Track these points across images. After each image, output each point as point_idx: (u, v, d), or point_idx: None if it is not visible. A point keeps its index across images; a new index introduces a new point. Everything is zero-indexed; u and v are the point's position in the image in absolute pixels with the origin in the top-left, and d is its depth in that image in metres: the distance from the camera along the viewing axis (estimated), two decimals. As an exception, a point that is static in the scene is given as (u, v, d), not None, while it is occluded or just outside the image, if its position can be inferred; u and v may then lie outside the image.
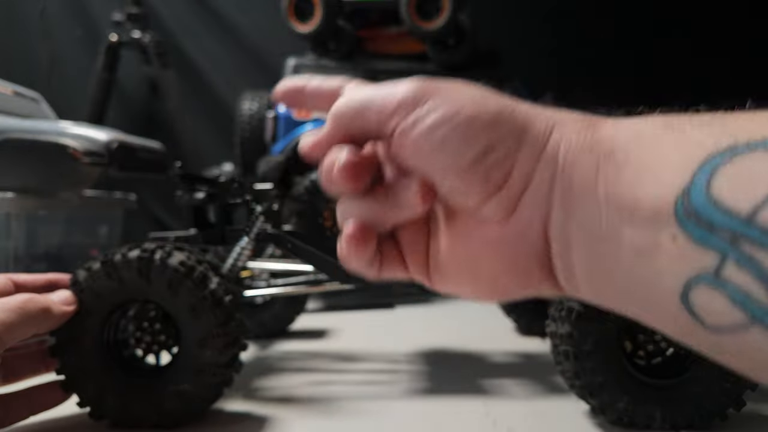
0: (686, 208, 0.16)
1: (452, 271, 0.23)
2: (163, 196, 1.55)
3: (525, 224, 0.21)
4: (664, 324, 0.19)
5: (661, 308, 0.18)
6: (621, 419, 0.42)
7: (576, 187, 0.20)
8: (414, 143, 0.21)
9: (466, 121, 0.20)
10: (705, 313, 0.16)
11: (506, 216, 0.21)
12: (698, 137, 0.17)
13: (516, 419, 0.45)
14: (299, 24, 1.23)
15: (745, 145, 0.16)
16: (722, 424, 0.42)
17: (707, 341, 0.17)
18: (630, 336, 0.43)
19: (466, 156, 0.20)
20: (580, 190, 0.19)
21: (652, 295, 0.18)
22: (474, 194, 0.21)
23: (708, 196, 0.16)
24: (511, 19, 1.55)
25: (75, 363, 0.43)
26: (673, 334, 0.19)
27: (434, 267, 0.24)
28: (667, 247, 0.17)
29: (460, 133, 0.20)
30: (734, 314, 0.16)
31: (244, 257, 0.58)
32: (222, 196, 0.60)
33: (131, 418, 0.43)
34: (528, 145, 0.20)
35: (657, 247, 0.17)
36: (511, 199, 0.21)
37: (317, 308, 1.02)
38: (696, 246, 0.16)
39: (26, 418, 0.42)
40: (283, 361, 0.65)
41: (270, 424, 0.45)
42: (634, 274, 0.18)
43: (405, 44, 1.31)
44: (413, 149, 0.21)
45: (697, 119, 0.18)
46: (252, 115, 1.34)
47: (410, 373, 0.59)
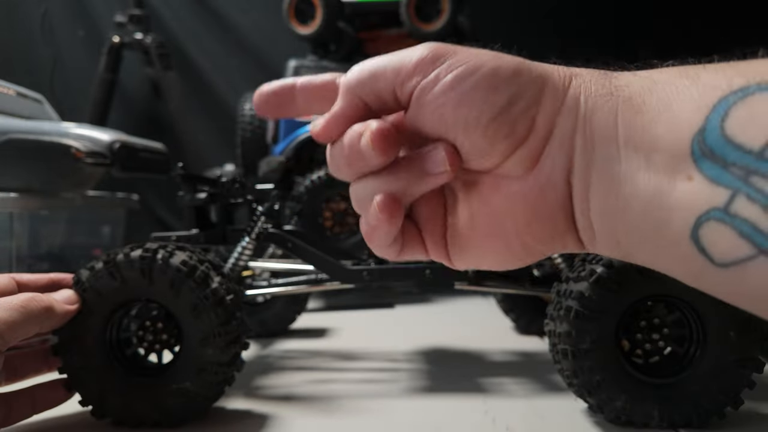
0: (701, 147, 0.17)
1: (474, 241, 0.23)
2: (165, 197, 1.55)
3: (547, 174, 0.21)
4: (675, 265, 0.19)
5: (672, 248, 0.18)
6: (619, 417, 0.42)
7: (597, 132, 0.20)
8: (436, 101, 0.21)
9: (490, 73, 0.20)
10: (714, 248, 0.17)
11: (529, 169, 0.21)
12: (712, 80, 0.18)
13: (515, 417, 0.45)
14: (300, 26, 1.24)
15: (757, 85, 0.16)
16: (720, 423, 0.42)
17: (716, 279, 0.18)
18: (628, 335, 0.44)
19: (493, 107, 0.20)
20: (600, 134, 0.20)
21: (664, 234, 0.18)
22: (498, 150, 0.21)
23: (722, 134, 0.17)
24: (510, 21, 1.56)
25: (77, 362, 0.43)
26: (683, 277, 0.19)
27: (453, 242, 0.24)
28: (682, 186, 0.17)
29: (486, 85, 0.20)
30: (742, 247, 0.16)
31: (245, 257, 0.58)
32: (223, 197, 0.60)
33: (133, 417, 0.43)
34: (549, 94, 0.21)
35: (672, 186, 0.18)
36: (534, 150, 0.21)
37: (318, 307, 1.02)
38: (710, 183, 0.17)
39: (29, 416, 0.42)
40: (284, 359, 0.66)
41: (271, 422, 0.45)
42: (648, 214, 0.19)
43: (405, 46, 1.31)
44: (435, 108, 0.21)
45: (711, 66, 0.19)
46: (253, 115, 1.34)
47: (410, 372, 0.59)
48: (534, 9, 1.57)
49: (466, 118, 0.21)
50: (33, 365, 0.45)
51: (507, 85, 0.21)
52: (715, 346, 0.41)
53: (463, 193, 0.23)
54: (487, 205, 0.23)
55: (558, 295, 0.44)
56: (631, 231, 0.19)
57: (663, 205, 0.18)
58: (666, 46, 1.66)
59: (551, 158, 0.21)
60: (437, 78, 0.21)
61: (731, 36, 1.55)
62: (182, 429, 0.43)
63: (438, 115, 0.21)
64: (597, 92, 0.20)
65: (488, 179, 0.22)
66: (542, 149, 0.21)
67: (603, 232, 0.21)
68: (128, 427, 0.43)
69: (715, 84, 0.17)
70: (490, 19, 1.45)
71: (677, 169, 0.18)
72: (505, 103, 0.20)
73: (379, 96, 0.22)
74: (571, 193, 0.21)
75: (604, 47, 1.67)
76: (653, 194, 0.18)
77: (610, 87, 0.20)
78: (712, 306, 0.41)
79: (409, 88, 0.22)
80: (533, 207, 0.22)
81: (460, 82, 0.21)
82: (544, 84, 0.21)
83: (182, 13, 1.65)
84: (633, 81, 0.20)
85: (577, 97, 0.21)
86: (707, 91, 0.18)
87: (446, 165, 0.21)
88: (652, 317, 0.44)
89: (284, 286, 0.62)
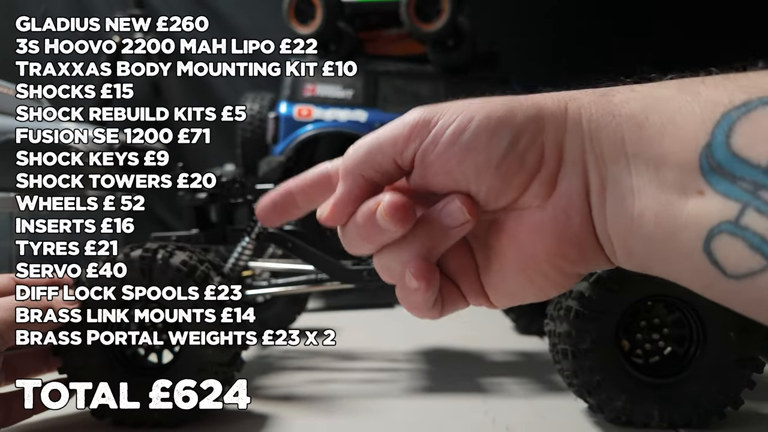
0: (710, 162, 0.17)
1: (510, 278, 0.23)
2: (165, 197, 1.55)
3: (566, 197, 0.21)
4: (687, 276, 0.19)
5: (684, 260, 0.19)
6: (619, 417, 0.42)
7: (606, 149, 0.20)
8: (439, 159, 0.21)
9: (484, 120, 0.21)
10: (725, 260, 0.17)
11: (548, 196, 0.22)
12: (713, 95, 0.18)
13: (515, 417, 0.45)
14: (300, 25, 1.24)
15: (759, 100, 0.17)
16: (720, 423, 0.42)
17: (729, 290, 0.18)
18: (628, 335, 0.44)
19: (499, 148, 0.21)
20: (609, 151, 0.20)
21: (676, 246, 0.19)
22: (514, 186, 0.21)
23: (729, 149, 0.17)
24: (510, 21, 1.56)
25: (77, 362, 0.43)
26: (695, 287, 0.19)
27: (489, 284, 0.24)
28: (693, 200, 0.18)
29: (484, 132, 0.21)
30: (753, 259, 0.17)
31: (245, 257, 0.58)
32: (223, 197, 0.60)
33: (133, 417, 0.43)
34: (549, 121, 0.21)
35: (683, 199, 0.18)
36: (550, 177, 0.21)
37: (318, 307, 1.02)
38: (720, 197, 0.17)
39: (29, 416, 0.42)
40: (284, 359, 0.66)
41: (271, 422, 0.45)
42: (660, 227, 0.19)
43: (405, 46, 1.32)
44: (441, 165, 0.22)
45: (710, 80, 0.19)
46: (253, 115, 1.34)
47: (410, 372, 0.59)
48: (534, 9, 1.57)
49: (476, 166, 0.21)
50: (33, 365, 0.45)
51: (504, 125, 0.21)
52: (715, 346, 0.41)
53: (488, 234, 0.24)
54: (515, 240, 0.23)
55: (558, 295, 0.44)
56: (644, 243, 0.20)
57: (675, 218, 0.18)
58: (666, 46, 1.65)
59: (567, 180, 0.21)
60: (435, 138, 0.21)
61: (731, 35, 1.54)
62: (182, 429, 0.43)
63: (445, 171, 0.22)
64: (598, 112, 0.21)
65: (509, 215, 0.23)
66: (557, 174, 0.21)
67: (619, 244, 0.21)
68: (128, 427, 0.43)
69: (717, 99, 0.18)
70: (490, 19, 1.45)
71: (687, 183, 0.18)
72: (509, 142, 0.21)
73: (380, 170, 0.23)
74: (591, 212, 0.21)
75: (604, 47, 1.68)
76: (664, 207, 0.19)
77: (610, 106, 0.20)
78: (712, 306, 0.41)
79: (409, 154, 0.22)
80: (560, 232, 0.22)
81: (458, 135, 0.21)
82: (540, 112, 0.21)
83: (182, 13, 1.64)
84: (632, 98, 0.20)
85: (577, 119, 0.21)
86: (709, 106, 0.18)
87: (465, 215, 0.22)
88: (652, 317, 0.44)
89: (284, 286, 0.62)
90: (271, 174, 1.11)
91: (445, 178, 0.22)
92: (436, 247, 0.23)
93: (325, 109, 1.29)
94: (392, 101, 1.29)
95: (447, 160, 0.21)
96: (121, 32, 1.48)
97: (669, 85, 0.20)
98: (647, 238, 0.20)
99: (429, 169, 0.22)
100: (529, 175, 0.21)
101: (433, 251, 0.23)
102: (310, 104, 1.29)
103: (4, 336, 0.36)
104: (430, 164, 0.22)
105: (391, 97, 1.29)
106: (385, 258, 0.23)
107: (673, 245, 0.19)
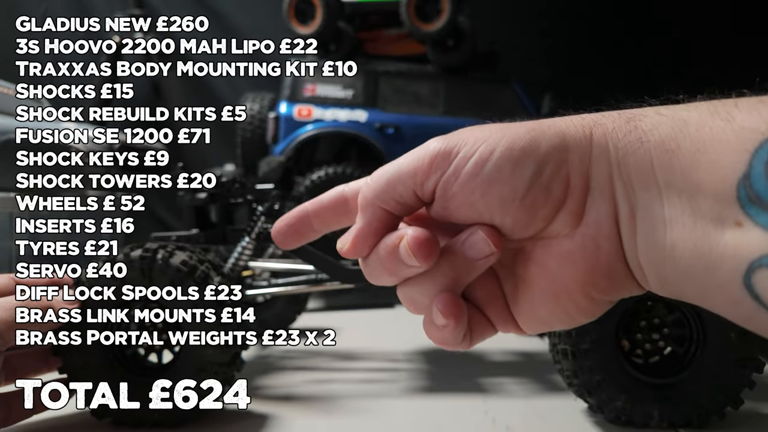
0: (749, 193, 0.17)
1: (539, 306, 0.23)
2: (165, 197, 1.55)
3: (595, 225, 0.21)
4: (726, 308, 0.19)
5: (722, 292, 0.18)
6: (619, 417, 0.42)
7: (634, 176, 0.20)
8: (462, 191, 0.21)
9: (507, 151, 0.20)
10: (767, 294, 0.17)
11: (576, 225, 0.21)
12: (749, 122, 0.17)
13: (515, 417, 0.45)
14: (300, 25, 1.24)
15: None
16: (720, 423, 0.42)
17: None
18: (628, 335, 0.44)
19: (523, 179, 0.20)
20: (639, 179, 0.20)
21: (714, 277, 0.18)
22: (540, 218, 0.21)
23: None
24: (510, 21, 1.56)
25: (77, 362, 0.43)
26: (734, 318, 0.19)
27: (518, 311, 0.23)
28: (731, 232, 0.17)
29: (507, 163, 0.20)
30: None
31: (245, 257, 0.58)
32: (223, 196, 0.60)
33: (133, 417, 0.43)
34: (574, 149, 0.20)
35: (720, 231, 0.18)
36: (577, 206, 0.21)
37: (318, 307, 1.02)
38: (760, 230, 0.17)
39: (29, 416, 0.42)
40: (284, 359, 0.66)
41: (271, 422, 0.45)
42: (697, 259, 0.18)
43: (405, 46, 1.32)
44: (464, 197, 0.21)
45: (744, 104, 0.18)
46: (253, 115, 1.34)
47: (410, 372, 0.59)
48: (534, 9, 1.57)
49: (500, 198, 0.21)
50: (33, 365, 0.45)
51: (528, 155, 0.20)
52: (715, 346, 0.41)
53: (515, 263, 0.23)
54: (544, 269, 0.22)
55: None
56: (679, 273, 0.19)
57: (712, 250, 0.18)
58: (666, 46, 1.65)
59: (595, 209, 0.21)
60: (457, 170, 0.21)
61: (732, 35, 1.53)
62: (182, 429, 0.43)
63: (468, 203, 0.21)
64: (625, 138, 0.20)
65: (537, 244, 0.22)
66: (584, 203, 0.21)
67: (651, 273, 0.20)
68: (128, 427, 0.43)
69: (753, 126, 0.17)
70: (490, 19, 1.45)
71: (724, 214, 0.17)
72: (533, 173, 0.20)
73: (400, 201, 0.22)
74: (621, 240, 0.21)
75: (604, 47, 1.67)
76: (701, 239, 0.18)
77: (637, 132, 0.20)
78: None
79: (430, 186, 0.21)
80: (590, 261, 0.21)
81: (480, 167, 0.21)
82: (564, 140, 0.20)
83: (182, 13, 1.65)
84: (661, 123, 0.19)
85: (604, 145, 0.20)
86: (745, 134, 0.17)
87: (490, 247, 0.21)
88: (652, 317, 0.44)
89: (284, 286, 0.62)
90: (271, 174, 1.11)
91: (468, 210, 0.21)
92: (461, 278, 0.22)
93: (325, 109, 1.29)
94: (392, 101, 1.29)
95: (470, 193, 0.21)
96: (121, 32, 1.48)
97: (699, 108, 0.19)
98: (682, 269, 0.19)
99: (451, 201, 0.21)
100: (556, 205, 0.21)
101: (459, 283, 0.22)
102: (310, 104, 1.29)
103: (4, 336, 0.36)
104: (453, 196, 0.21)
105: (391, 97, 1.29)
106: (408, 290, 0.23)
107: (711, 277, 0.18)
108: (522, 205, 0.21)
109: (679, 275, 0.19)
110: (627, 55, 1.52)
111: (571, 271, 0.21)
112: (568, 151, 0.20)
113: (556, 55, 1.53)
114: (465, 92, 1.27)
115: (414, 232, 0.21)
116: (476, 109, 1.25)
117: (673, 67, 1.46)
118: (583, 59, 1.51)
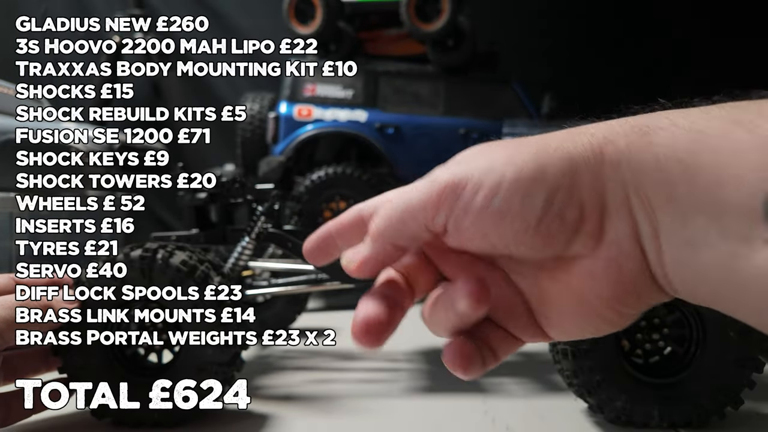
0: None
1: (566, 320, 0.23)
2: (165, 197, 1.55)
3: (616, 245, 0.20)
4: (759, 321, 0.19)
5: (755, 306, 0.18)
6: (619, 417, 0.42)
7: (653, 195, 0.19)
8: (473, 226, 0.21)
9: (513, 182, 0.20)
10: None
11: (596, 245, 0.21)
12: None
13: (515, 417, 0.45)
14: (300, 25, 1.24)
15: None
16: (720, 423, 0.42)
17: None
18: (628, 335, 0.44)
19: (535, 209, 0.20)
20: (658, 197, 0.19)
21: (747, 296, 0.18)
22: (556, 244, 0.21)
23: None
24: (510, 21, 1.56)
25: (77, 362, 0.43)
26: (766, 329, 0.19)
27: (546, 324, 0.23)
28: (761, 251, 0.17)
29: (516, 194, 0.20)
30: None
31: (245, 257, 0.58)
32: (223, 196, 0.60)
33: (133, 417, 0.43)
34: (585, 173, 0.20)
35: (749, 249, 0.17)
36: (594, 229, 0.20)
37: (318, 307, 1.02)
38: None
39: (29, 416, 0.42)
40: (284, 359, 0.66)
41: (271, 421, 0.45)
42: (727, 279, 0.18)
43: (405, 46, 1.32)
44: (474, 231, 0.21)
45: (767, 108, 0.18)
46: (253, 115, 1.34)
47: (410, 372, 0.59)
48: (533, 9, 1.57)
49: (513, 229, 0.20)
50: (32, 365, 0.45)
51: (536, 184, 0.20)
52: (715, 346, 0.41)
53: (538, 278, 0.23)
54: (568, 287, 0.22)
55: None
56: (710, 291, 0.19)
57: (742, 270, 0.17)
58: (666, 46, 1.65)
59: (614, 229, 0.20)
60: (466, 204, 0.21)
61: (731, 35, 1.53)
62: (182, 429, 0.43)
63: (480, 236, 0.21)
64: (639, 155, 0.19)
65: (558, 263, 0.22)
66: (601, 225, 0.20)
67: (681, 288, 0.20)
68: (128, 427, 0.43)
69: None
70: (490, 19, 1.45)
71: (751, 232, 0.17)
72: (544, 201, 0.20)
73: (412, 236, 0.22)
74: (646, 258, 0.20)
75: (604, 47, 1.67)
76: (729, 259, 0.18)
77: (652, 148, 0.19)
78: (712, 306, 0.41)
79: (441, 221, 0.21)
80: (613, 278, 0.21)
81: (489, 200, 0.20)
82: (572, 164, 0.20)
83: (182, 13, 1.65)
84: (677, 137, 0.19)
85: (616, 164, 0.20)
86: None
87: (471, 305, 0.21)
88: (652, 317, 0.44)
89: (284, 286, 0.62)
90: (271, 174, 1.11)
91: (481, 242, 0.21)
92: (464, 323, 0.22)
93: (325, 109, 1.29)
94: (392, 101, 1.29)
95: (481, 227, 0.21)
96: (121, 32, 1.48)
97: (720, 116, 0.18)
98: (713, 287, 0.19)
99: (464, 234, 0.21)
100: (572, 230, 0.20)
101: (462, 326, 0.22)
102: (310, 104, 1.29)
103: (4, 335, 0.36)
104: (464, 230, 0.21)
105: (391, 97, 1.29)
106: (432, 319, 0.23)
107: (743, 295, 0.18)
108: (537, 234, 0.20)
109: (709, 293, 0.19)
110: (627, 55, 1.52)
111: (595, 288, 0.21)
112: (578, 175, 0.20)
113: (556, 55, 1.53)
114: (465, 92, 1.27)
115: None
116: (476, 109, 1.25)
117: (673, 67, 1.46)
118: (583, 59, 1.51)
